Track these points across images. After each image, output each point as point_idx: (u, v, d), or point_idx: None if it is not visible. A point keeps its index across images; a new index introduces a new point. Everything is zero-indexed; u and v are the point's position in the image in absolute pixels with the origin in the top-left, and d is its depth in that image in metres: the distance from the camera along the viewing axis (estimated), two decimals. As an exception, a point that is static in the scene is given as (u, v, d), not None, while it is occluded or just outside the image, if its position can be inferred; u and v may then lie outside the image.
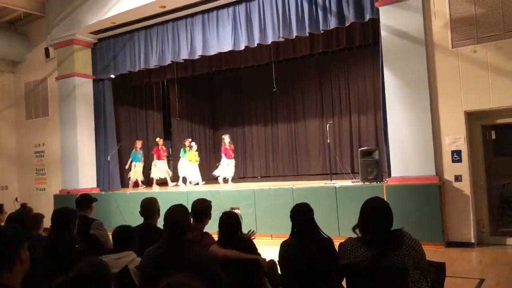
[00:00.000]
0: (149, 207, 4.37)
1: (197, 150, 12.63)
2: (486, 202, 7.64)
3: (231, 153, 12.17)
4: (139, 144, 12.42)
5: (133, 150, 12.30)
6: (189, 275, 1.58)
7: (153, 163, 12.44)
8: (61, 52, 11.94)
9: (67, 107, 11.78)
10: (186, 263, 2.78)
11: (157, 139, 12.70)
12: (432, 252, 6.33)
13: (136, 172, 12.22)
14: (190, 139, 12.88)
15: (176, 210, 3.13)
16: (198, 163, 12.43)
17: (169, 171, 12.83)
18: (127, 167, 12.19)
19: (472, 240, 7.37)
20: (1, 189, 12.49)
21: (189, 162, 12.31)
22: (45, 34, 12.11)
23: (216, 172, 12.24)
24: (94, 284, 1.80)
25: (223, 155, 12.12)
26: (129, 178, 12.18)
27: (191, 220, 3.94)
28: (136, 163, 12.25)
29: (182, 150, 12.61)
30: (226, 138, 12.20)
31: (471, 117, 7.67)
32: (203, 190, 10.58)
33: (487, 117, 7.67)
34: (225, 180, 12.01)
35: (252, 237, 4.01)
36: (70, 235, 3.47)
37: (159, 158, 12.44)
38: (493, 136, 7.86)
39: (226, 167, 12.07)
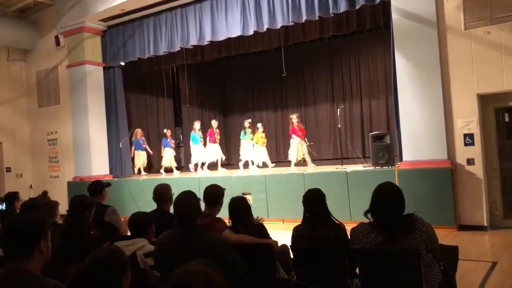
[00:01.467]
0: (161, 193, 4.42)
1: (263, 131, 11.99)
2: (499, 185, 7.58)
3: (299, 133, 11.18)
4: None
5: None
6: (204, 262, 1.59)
7: (206, 147, 12.05)
8: (71, 40, 11.98)
9: (78, 95, 11.86)
10: (199, 249, 2.82)
11: (212, 122, 12.34)
12: (444, 236, 6.33)
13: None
14: (249, 120, 12.25)
15: (185, 197, 3.16)
16: (265, 145, 11.82)
17: (222, 155, 12.34)
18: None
19: (485, 224, 7.34)
20: (16, 177, 12.67)
21: (256, 144, 11.70)
22: (55, 22, 12.14)
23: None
24: (110, 270, 1.83)
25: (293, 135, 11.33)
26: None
27: (203, 206, 4.00)
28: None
29: (242, 132, 12.04)
30: (295, 118, 11.26)
31: (484, 100, 7.58)
32: (215, 176, 10.63)
33: (500, 100, 7.57)
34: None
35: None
36: (86, 223, 3.52)
37: (214, 141, 12.01)
38: (506, 119, 7.76)
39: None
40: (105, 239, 3.34)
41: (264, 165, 11.74)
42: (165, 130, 12.63)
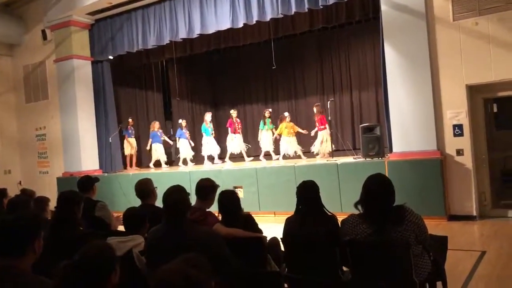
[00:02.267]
0: (142, 188, 4.41)
1: (290, 121, 11.21)
2: (488, 175, 7.66)
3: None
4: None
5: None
6: (190, 259, 1.58)
7: (228, 137, 11.69)
8: (58, 34, 11.83)
9: (66, 90, 11.73)
10: (189, 242, 2.81)
11: (231, 111, 11.85)
12: (434, 226, 6.38)
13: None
14: (270, 109, 11.76)
15: (174, 191, 3.15)
16: (291, 135, 10.98)
17: (244, 146, 11.81)
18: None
19: (474, 213, 7.41)
20: (4, 173, 12.53)
21: (283, 135, 10.94)
22: (41, 16, 11.97)
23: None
24: (99, 267, 1.82)
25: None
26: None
27: (195, 200, 4.00)
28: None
29: (261, 122, 11.57)
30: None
31: (473, 91, 7.63)
32: (206, 169, 10.61)
33: (489, 90, 7.63)
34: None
35: None
36: (75, 218, 3.48)
37: (234, 131, 11.62)
38: (495, 109, 7.83)
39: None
40: (95, 234, 3.32)
41: (297, 156, 10.90)
42: (180, 121, 12.45)
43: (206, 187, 4.00)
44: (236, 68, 14.71)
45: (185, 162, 12.14)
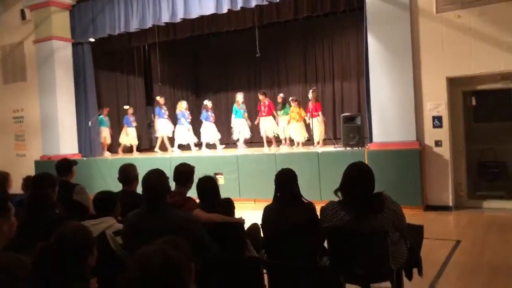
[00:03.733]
0: (125, 173, 4.35)
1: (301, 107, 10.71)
2: (465, 166, 7.80)
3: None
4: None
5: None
6: (169, 240, 1.58)
7: (257, 120, 11.22)
8: (37, 14, 11.53)
9: (45, 72, 11.48)
10: (169, 226, 2.80)
11: (259, 94, 11.32)
12: (411, 215, 6.42)
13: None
14: (282, 94, 11.39)
15: (154, 174, 3.13)
16: (296, 120, 10.53)
17: (277, 129, 11.19)
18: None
19: (450, 204, 7.56)
20: (-20, 155, 12.27)
21: (293, 120, 10.58)
22: (21, -5, 11.67)
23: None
24: (76, 249, 1.80)
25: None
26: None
27: (174, 185, 3.98)
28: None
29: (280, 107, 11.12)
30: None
31: (453, 83, 7.73)
32: (187, 155, 10.55)
33: (468, 83, 7.74)
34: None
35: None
36: (50, 200, 3.42)
37: (266, 114, 11.07)
38: (474, 102, 7.95)
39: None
40: (71, 218, 3.27)
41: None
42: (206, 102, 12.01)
43: (184, 172, 3.98)
44: (219, 54, 14.58)
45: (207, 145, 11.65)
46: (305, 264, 3.09)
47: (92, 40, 11.59)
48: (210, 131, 11.65)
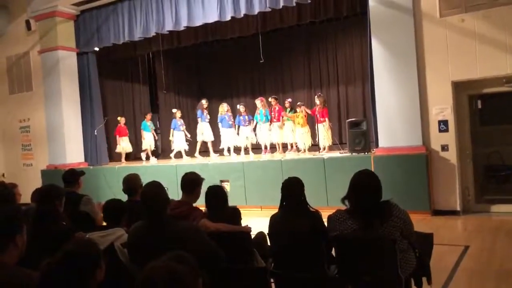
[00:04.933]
0: (130, 184, 4.35)
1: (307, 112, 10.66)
2: (472, 170, 7.75)
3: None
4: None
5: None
6: (176, 256, 1.57)
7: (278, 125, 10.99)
8: (42, 24, 11.62)
9: (51, 81, 11.56)
10: (171, 239, 2.78)
11: (270, 99, 11.17)
12: (419, 221, 6.44)
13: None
14: (289, 99, 11.21)
15: (151, 187, 3.12)
16: (301, 125, 10.53)
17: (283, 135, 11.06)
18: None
19: (458, 208, 7.51)
20: (-13, 166, 12.35)
21: (298, 126, 10.56)
22: (25, 6, 11.75)
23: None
24: (83, 264, 1.79)
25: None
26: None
27: (182, 194, 3.97)
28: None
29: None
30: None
31: (458, 87, 7.70)
32: (192, 163, 10.56)
33: (474, 87, 7.70)
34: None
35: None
36: (57, 213, 3.42)
37: (277, 119, 10.96)
38: (479, 106, 7.91)
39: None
40: (78, 230, 3.27)
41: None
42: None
43: (191, 180, 3.97)
44: (223, 61, 14.62)
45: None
46: (312, 274, 3.08)
47: (96, 49, 11.66)
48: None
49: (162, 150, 13.81)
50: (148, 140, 12.15)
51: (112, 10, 11.02)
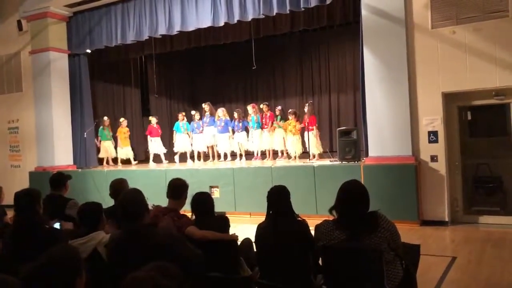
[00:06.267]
0: (116, 188, 4.32)
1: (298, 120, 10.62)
2: (461, 181, 7.80)
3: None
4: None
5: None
6: (158, 266, 1.54)
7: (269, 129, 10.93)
8: (34, 25, 11.54)
9: (41, 83, 11.47)
10: (148, 247, 2.71)
11: (262, 105, 11.15)
12: (407, 231, 6.46)
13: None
14: (280, 107, 11.25)
15: (128, 194, 3.07)
16: (292, 133, 10.49)
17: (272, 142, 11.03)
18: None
19: (446, 219, 7.53)
20: (-26, 166, 12.19)
21: (289, 133, 10.52)
22: (17, 6, 11.68)
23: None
24: (63, 271, 1.76)
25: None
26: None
27: (168, 200, 3.94)
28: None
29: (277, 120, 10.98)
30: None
31: (448, 98, 7.75)
32: (182, 168, 10.51)
33: (464, 98, 7.76)
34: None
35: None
36: (38, 217, 3.36)
37: (269, 126, 10.92)
38: (469, 117, 7.98)
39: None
40: (60, 232, 3.21)
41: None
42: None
43: (179, 186, 3.94)
44: (216, 66, 14.64)
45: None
46: (299, 284, 3.05)
47: (88, 51, 11.60)
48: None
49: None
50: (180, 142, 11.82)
51: (105, 12, 10.98)
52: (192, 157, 11.85)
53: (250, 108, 11.23)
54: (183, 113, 12.26)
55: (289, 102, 13.53)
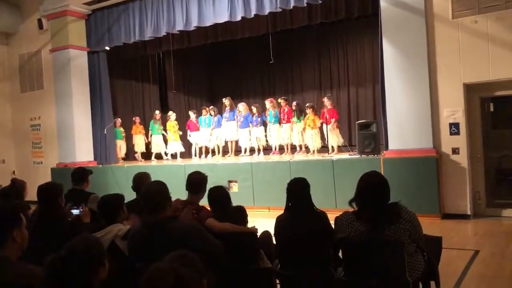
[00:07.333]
0: (139, 182, 4.34)
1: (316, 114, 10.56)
2: (483, 174, 7.65)
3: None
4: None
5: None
6: (180, 257, 1.55)
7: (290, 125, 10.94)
8: (54, 23, 11.71)
9: (62, 80, 11.64)
10: (169, 239, 2.72)
11: (280, 100, 11.04)
12: (428, 224, 6.37)
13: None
14: (295, 102, 11.17)
15: (152, 185, 3.08)
16: (311, 128, 10.39)
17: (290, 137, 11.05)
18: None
19: (468, 212, 7.41)
20: (-1, 163, 12.46)
21: (308, 127, 10.45)
22: (38, 5, 11.85)
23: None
24: (87, 262, 1.78)
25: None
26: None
27: (187, 194, 3.96)
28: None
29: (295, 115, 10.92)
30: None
31: (470, 89, 7.61)
32: (201, 163, 10.57)
33: (486, 89, 7.60)
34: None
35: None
36: (60, 211, 3.41)
37: (286, 120, 10.89)
38: (491, 108, 7.81)
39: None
40: (82, 224, 3.25)
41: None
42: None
43: (197, 179, 3.96)
44: (233, 61, 14.62)
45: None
46: (319, 275, 3.04)
47: (107, 48, 11.73)
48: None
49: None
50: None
51: (123, 9, 11.07)
52: (212, 152, 11.89)
53: (268, 102, 11.20)
54: (207, 108, 12.30)
55: (307, 96, 13.46)
